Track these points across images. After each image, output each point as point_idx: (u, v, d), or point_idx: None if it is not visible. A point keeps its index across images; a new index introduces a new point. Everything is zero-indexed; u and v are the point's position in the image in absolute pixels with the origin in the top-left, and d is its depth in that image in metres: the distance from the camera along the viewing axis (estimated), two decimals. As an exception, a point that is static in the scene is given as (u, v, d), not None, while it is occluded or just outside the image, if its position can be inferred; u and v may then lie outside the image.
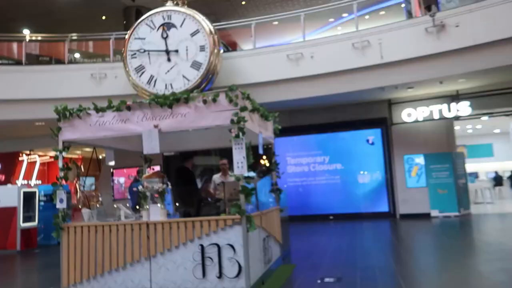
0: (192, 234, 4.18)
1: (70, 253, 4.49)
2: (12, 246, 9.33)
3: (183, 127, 4.51)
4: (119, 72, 9.16)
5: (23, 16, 14.24)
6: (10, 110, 9.55)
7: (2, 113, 9.55)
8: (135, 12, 13.45)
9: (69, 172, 4.96)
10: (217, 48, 8.36)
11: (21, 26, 14.83)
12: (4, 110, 9.52)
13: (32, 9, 13.68)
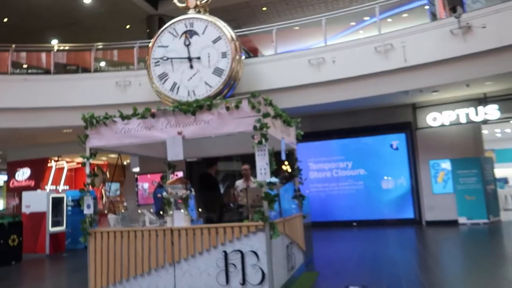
0: (215, 240, 4.19)
1: (97, 258, 4.58)
2: (42, 250, 9.60)
3: (206, 133, 4.55)
4: (143, 80, 9.35)
5: (52, 27, 14.74)
6: (40, 118, 9.87)
7: (32, 120, 9.89)
8: (158, 20, 13.72)
9: (96, 178, 5.08)
10: (238, 55, 8.43)
11: (50, 36, 15.36)
12: (34, 118, 9.85)
13: (60, 19, 14.14)
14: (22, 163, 14.68)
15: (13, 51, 10.64)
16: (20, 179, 14.64)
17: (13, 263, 8.48)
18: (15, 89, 9.82)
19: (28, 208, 9.92)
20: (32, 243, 9.58)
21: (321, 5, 14.48)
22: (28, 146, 13.92)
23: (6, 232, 8.50)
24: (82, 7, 13.43)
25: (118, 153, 9.46)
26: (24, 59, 11.65)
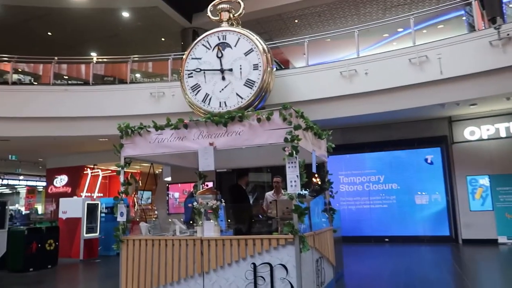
0: (244, 252, 4.18)
1: (128, 265, 4.67)
2: (76, 255, 9.90)
3: (237, 145, 4.58)
4: (176, 91, 9.56)
5: (91, 40, 15.41)
6: (78, 127, 10.27)
7: (70, 129, 10.29)
8: (192, 33, 14.03)
9: (129, 186, 5.20)
10: (270, 66, 8.47)
11: (89, 49, 16.04)
12: (73, 126, 10.25)
13: (100, 33, 14.77)
14: (60, 170, 15.30)
15: (55, 63, 11.17)
16: (58, 185, 15.24)
17: (49, 267, 8.77)
18: (56, 99, 10.27)
19: (64, 214, 10.29)
20: (67, 248, 9.89)
21: (354, 17, 14.39)
22: (66, 154, 14.50)
23: (44, 236, 8.82)
24: (121, 20, 13.96)
25: (151, 162, 9.66)
26: (65, 71, 12.20)
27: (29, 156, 15.96)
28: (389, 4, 13.60)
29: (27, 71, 12.38)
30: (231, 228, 5.29)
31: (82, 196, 14.09)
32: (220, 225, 4.63)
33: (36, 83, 11.79)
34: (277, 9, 13.47)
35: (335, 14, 14.19)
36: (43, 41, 15.10)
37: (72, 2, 12.53)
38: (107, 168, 16.05)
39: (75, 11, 13.12)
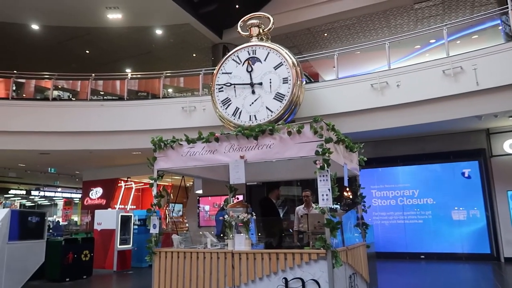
0: (276, 266, 4.14)
1: (161, 277, 4.73)
2: (110, 266, 10.12)
3: (268, 158, 4.58)
4: (207, 105, 9.73)
5: (126, 57, 16.01)
6: (113, 141, 10.60)
7: (106, 143, 10.64)
8: (222, 48, 14.32)
9: (162, 199, 5.30)
10: (299, 80, 8.48)
11: (124, 65, 16.66)
12: (108, 140, 10.60)
13: (134, 50, 15.33)
14: (96, 183, 15.79)
15: (92, 80, 11.65)
16: (94, 197, 15.72)
17: (85, 277, 9.00)
18: (92, 114, 10.68)
19: (99, 225, 10.57)
20: (101, 259, 10.13)
21: (384, 29, 14.25)
22: (101, 167, 14.98)
23: (80, 247, 9.09)
24: (154, 38, 14.45)
25: (182, 175, 9.81)
26: (101, 87, 12.70)
27: (66, 169, 16.61)
28: (420, 15, 13.40)
29: (66, 87, 12.97)
30: (261, 241, 5.27)
31: (116, 208, 14.46)
32: (251, 239, 4.62)
33: (74, 99, 12.33)
34: (306, 23, 13.56)
35: (365, 27, 14.12)
36: (81, 59, 15.83)
37: (109, 22, 13.09)
38: (140, 181, 16.44)
39: (112, 30, 13.70)
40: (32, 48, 14.77)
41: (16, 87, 12.03)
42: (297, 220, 6.30)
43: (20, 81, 12.29)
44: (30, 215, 7.13)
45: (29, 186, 22.07)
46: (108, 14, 12.65)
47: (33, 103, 11.24)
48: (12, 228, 5.79)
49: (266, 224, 5.69)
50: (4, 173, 16.63)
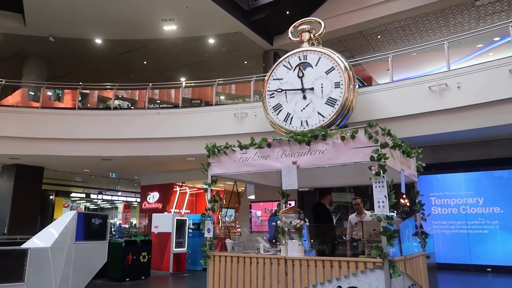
0: (330, 274, 4.06)
1: (215, 280, 4.81)
2: (166, 268, 10.48)
3: (321, 163, 4.51)
4: (259, 111, 9.81)
5: (181, 66, 16.61)
6: (168, 147, 11.03)
7: (162, 149, 11.09)
8: (273, 55, 14.41)
9: (215, 204, 5.40)
10: (352, 84, 8.30)
11: (179, 74, 17.31)
12: (164, 147, 11.04)
13: (188, 59, 15.88)
14: (153, 188, 16.48)
15: (149, 89, 12.21)
16: (151, 201, 16.41)
17: (143, 278, 9.39)
18: (150, 122, 11.19)
19: (156, 228, 11.00)
20: (158, 261, 10.52)
21: (442, 28, 13.59)
22: (158, 172, 15.61)
23: (139, 249, 9.51)
24: (207, 47, 14.87)
25: (235, 181, 9.96)
26: (157, 96, 13.28)
27: (126, 174, 17.51)
28: (483, 12, 12.61)
29: (126, 97, 13.72)
30: (314, 248, 5.19)
31: (171, 212, 14.97)
32: (304, 245, 4.56)
33: (133, 108, 13.00)
34: (359, 26, 13.28)
35: (421, 27, 13.55)
36: (139, 69, 16.67)
37: (165, 34, 13.68)
38: (194, 186, 16.91)
39: (167, 41, 14.31)
40: (95, 61, 15.81)
41: (82, 98, 12.92)
42: (350, 228, 6.14)
43: (85, 92, 13.19)
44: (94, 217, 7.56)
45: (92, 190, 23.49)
46: (164, 26, 13.23)
47: (96, 112, 12.00)
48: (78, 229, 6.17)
49: (319, 231, 5.60)
50: (71, 177, 17.87)
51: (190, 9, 12.23)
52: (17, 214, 12.46)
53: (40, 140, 11.00)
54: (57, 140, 11.06)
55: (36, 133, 10.97)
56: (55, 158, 11.88)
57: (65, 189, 21.83)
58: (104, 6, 12.02)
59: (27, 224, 12.21)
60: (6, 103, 11.87)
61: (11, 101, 12.18)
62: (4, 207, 12.59)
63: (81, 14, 12.42)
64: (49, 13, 12.28)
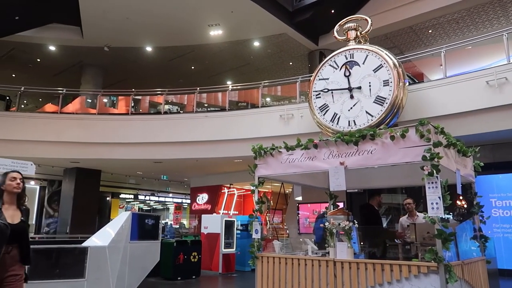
0: (381, 277, 3.94)
1: (263, 281, 4.83)
2: (216, 268, 10.68)
3: (369, 164, 4.40)
4: (305, 112, 9.75)
5: (227, 70, 16.91)
6: (216, 149, 11.25)
7: (210, 152, 11.33)
8: (319, 55, 14.26)
9: (263, 205, 5.44)
10: (401, 81, 8.02)
11: (225, 78, 17.62)
12: (212, 149, 11.27)
13: (234, 62, 16.14)
14: (202, 189, 16.88)
15: (197, 93, 12.54)
16: (200, 202, 16.82)
17: (194, 277, 9.64)
18: (198, 125, 11.48)
19: (206, 229, 11.25)
20: (208, 261, 10.75)
21: (500, 18, 12.75)
22: (206, 174, 15.98)
23: (189, 249, 9.77)
24: (252, 50, 15.02)
25: (281, 182, 9.96)
26: (204, 99, 13.60)
27: (176, 176, 18.08)
28: (546, -2, 11.71)
29: (175, 101, 14.18)
30: (364, 251, 5.07)
31: (220, 213, 15.25)
32: (353, 248, 4.47)
33: (182, 112, 13.40)
34: (408, 21, 12.80)
35: (476, 19, 12.81)
36: (187, 74, 17.18)
37: (211, 38, 14.00)
38: (241, 187, 17.11)
39: (213, 46, 14.62)
40: (146, 68, 16.50)
41: (134, 104, 13.53)
42: (401, 230, 5.92)
43: (137, 98, 13.80)
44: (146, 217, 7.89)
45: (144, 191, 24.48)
46: (210, 31, 13.54)
47: (148, 117, 12.52)
48: (133, 229, 6.46)
49: (368, 233, 5.47)
50: (125, 179, 18.76)
51: (235, 13, 12.42)
52: (78, 215, 13.29)
53: (97, 144, 11.66)
54: (113, 144, 11.66)
55: (93, 138, 11.64)
56: (111, 161, 12.54)
57: (120, 191, 22.93)
58: (154, 16, 12.52)
59: (87, 224, 12.98)
60: (66, 110, 12.71)
61: (71, 109, 13.02)
62: (67, 208, 13.47)
63: (133, 24, 13.02)
64: (104, 24, 13.00)
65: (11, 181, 3.37)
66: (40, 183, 18.43)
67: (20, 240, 3.28)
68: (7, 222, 3.18)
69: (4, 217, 3.20)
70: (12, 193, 3.36)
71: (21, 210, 3.41)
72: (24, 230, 3.36)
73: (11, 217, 3.25)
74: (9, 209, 3.31)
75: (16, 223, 3.28)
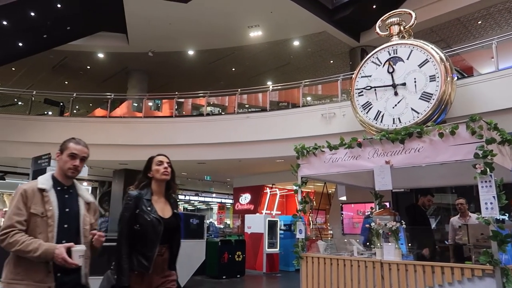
0: (431, 280, 3.81)
1: (308, 282, 4.82)
2: (260, 268, 10.76)
3: (417, 162, 4.27)
4: (347, 110, 9.59)
5: (267, 70, 16.98)
6: (258, 150, 11.33)
7: (252, 152, 11.43)
8: (360, 52, 13.97)
9: (306, 205, 5.42)
10: (449, 76, 7.68)
11: (265, 78, 17.69)
12: (254, 150, 11.37)
13: (274, 63, 16.17)
14: (244, 189, 17.04)
15: (238, 95, 12.69)
16: (243, 202, 17.00)
17: (238, 276, 9.77)
18: (239, 126, 11.62)
19: (249, 228, 11.36)
20: (252, 261, 10.85)
21: (561, 4, 11.88)
22: (249, 174, 16.11)
23: (233, 248, 9.92)
24: (292, 49, 14.98)
25: (324, 182, 9.86)
26: (245, 100, 13.73)
27: (219, 176, 18.38)
28: None
29: (216, 103, 14.43)
30: (412, 253, 4.92)
31: (262, 213, 15.33)
32: (401, 249, 4.36)
33: (224, 113, 13.61)
34: (455, 13, 12.23)
35: (532, 6, 12.02)
36: (228, 76, 17.43)
37: (251, 40, 14.11)
38: (283, 187, 17.09)
39: (253, 47, 14.73)
40: (188, 71, 16.92)
41: (177, 106, 13.91)
42: (452, 232, 5.69)
43: (180, 101, 14.18)
44: (191, 217, 8.12)
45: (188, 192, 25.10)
46: (250, 33, 13.66)
47: (191, 119, 12.84)
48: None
49: (416, 234, 5.29)
50: (170, 180, 19.28)
51: (275, 14, 12.44)
52: (127, 214, 13.81)
53: (144, 146, 12.11)
54: (158, 146, 12.05)
55: (140, 141, 12.10)
56: (157, 163, 12.94)
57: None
58: (195, 20, 12.82)
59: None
60: (114, 114, 13.30)
61: (119, 113, 13.61)
62: (117, 208, 14.10)
63: (175, 29, 13.41)
64: (149, 31, 13.49)
65: (157, 165, 2.83)
66: (92, 184, 19.42)
67: (172, 240, 2.73)
68: (159, 216, 2.63)
69: (155, 210, 2.65)
70: (160, 181, 2.79)
71: (171, 202, 2.83)
72: (178, 226, 2.79)
73: (161, 210, 2.68)
74: (159, 201, 2.74)
75: (168, 218, 2.71)
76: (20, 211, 2.18)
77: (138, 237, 2.56)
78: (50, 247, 2.11)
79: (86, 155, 2.54)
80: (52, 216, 2.22)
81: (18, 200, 2.20)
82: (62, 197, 2.33)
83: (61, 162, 2.44)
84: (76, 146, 2.50)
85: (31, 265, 2.13)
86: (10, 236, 2.11)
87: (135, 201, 2.65)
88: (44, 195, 2.25)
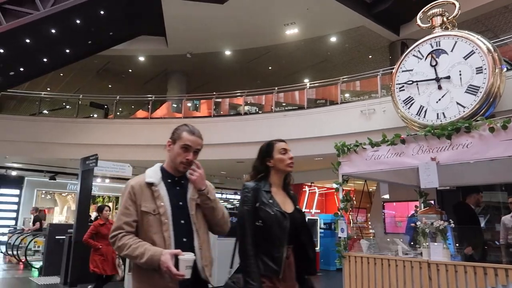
0: (483, 282, 3.65)
1: (351, 281, 4.75)
2: (299, 266, 10.72)
3: (465, 159, 4.10)
4: (387, 106, 9.34)
5: (304, 67, 16.85)
6: (296, 148, 11.19)
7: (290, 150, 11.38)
8: (401, 45, 13.55)
9: (347, 203, 5.34)
10: (498, 67, 7.30)
11: (302, 76, 17.56)
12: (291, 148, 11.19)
13: (311, 60, 16.02)
14: (282, 188, 17.00)
15: (275, 93, 12.68)
16: (282, 201, 16.99)
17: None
18: (276, 124, 11.61)
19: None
20: (292, 259, 10.83)
21: None
22: (287, 173, 16.05)
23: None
24: (329, 46, 14.78)
25: (365, 180, 9.67)
26: (282, 99, 13.71)
27: (257, 175, 18.43)
28: None
29: (253, 102, 14.50)
30: (460, 253, 4.73)
31: (301, 212, 15.23)
32: (449, 249, 4.20)
33: (261, 112, 13.65)
34: (502, 0, 11.59)
35: None
36: (264, 75, 17.46)
37: (287, 38, 14.06)
38: (322, 186, 16.92)
39: (289, 45, 14.67)
40: (225, 71, 17.11)
41: (215, 106, 14.12)
42: (504, 231, 5.42)
43: (218, 101, 14.38)
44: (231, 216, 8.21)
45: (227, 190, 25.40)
46: (286, 31, 13.61)
47: (229, 118, 12.98)
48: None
49: (465, 234, 5.08)
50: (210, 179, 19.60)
51: (311, 11, 12.32)
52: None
53: (184, 146, 12.38)
54: (197, 145, 12.29)
55: (180, 141, 12.37)
56: (197, 162, 13.20)
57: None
58: (231, 20, 12.94)
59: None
60: (155, 115, 13.70)
61: (159, 114, 14.00)
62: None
63: (212, 30, 13.60)
64: (186, 33, 13.77)
65: (281, 154, 2.46)
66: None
67: (297, 239, 2.28)
68: (283, 211, 2.25)
69: (277, 203, 2.27)
70: (283, 172, 2.46)
71: (291, 196, 2.46)
72: (304, 223, 2.39)
73: (282, 204, 2.30)
74: (278, 194, 2.37)
75: (291, 213, 2.30)
76: (128, 211, 1.98)
77: (260, 235, 2.17)
78: (156, 253, 1.85)
79: (200, 147, 2.20)
80: (165, 212, 1.98)
81: (126, 198, 2.00)
82: (173, 190, 2.08)
83: (172, 154, 2.15)
84: (190, 136, 2.14)
85: (152, 270, 1.88)
86: (119, 239, 1.93)
87: (254, 193, 2.27)
88: (153, 190, 2.02)
